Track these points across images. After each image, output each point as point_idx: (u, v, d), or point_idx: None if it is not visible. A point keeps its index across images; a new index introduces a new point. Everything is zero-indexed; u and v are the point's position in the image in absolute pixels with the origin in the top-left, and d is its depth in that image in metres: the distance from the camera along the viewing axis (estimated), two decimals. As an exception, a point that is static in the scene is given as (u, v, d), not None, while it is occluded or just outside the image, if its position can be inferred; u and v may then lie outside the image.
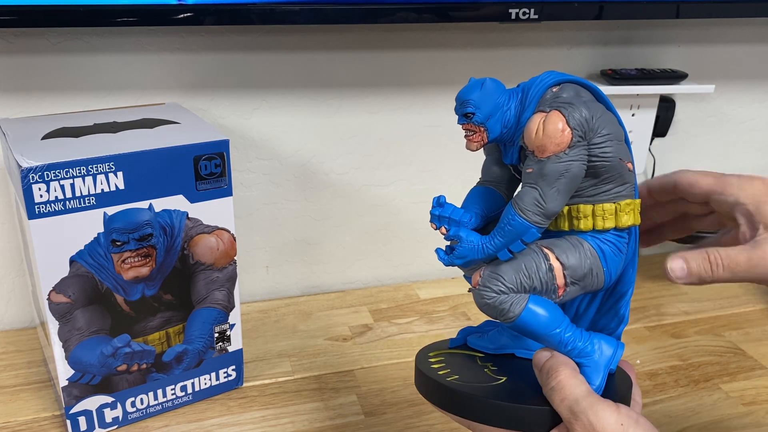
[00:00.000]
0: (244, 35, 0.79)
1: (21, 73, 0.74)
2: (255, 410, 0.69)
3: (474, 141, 0.41)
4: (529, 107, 0.40)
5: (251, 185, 0.86)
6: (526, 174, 0.39)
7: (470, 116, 0.40)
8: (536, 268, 0.40)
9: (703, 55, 0.97)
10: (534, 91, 0.41)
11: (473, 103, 0.40)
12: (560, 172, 0.39)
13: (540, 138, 0.38)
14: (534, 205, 0.39)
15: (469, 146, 0.41)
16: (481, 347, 0.48)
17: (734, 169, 1.07)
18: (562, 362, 0.41)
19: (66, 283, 0.58)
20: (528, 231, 0.39)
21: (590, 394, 0.40)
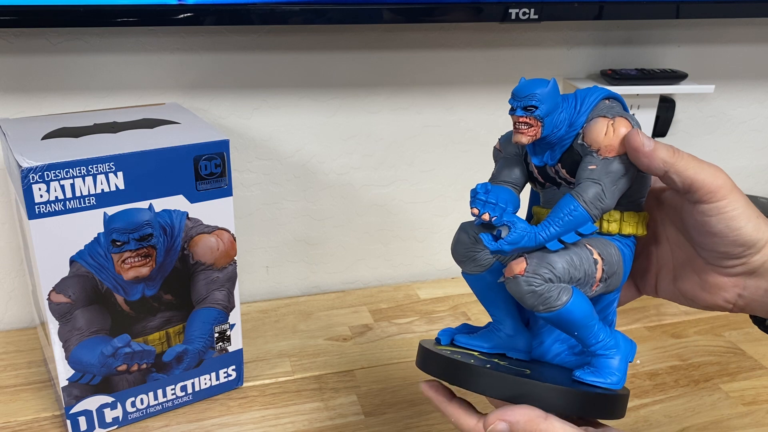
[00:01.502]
0: (244, 35, 0.79)
1: (21, 73, 0.74)
2: (255, 410, 0.69)
3: (527, 134, 0.41)
4: (584, 113, 0.42)
5: (251, 185, 0.86)
6: (588, 171, 0.41)
7: (532, 109, 0.41)
8: (582, 260, 0.41)
9: (703, 55, 0.97)
10: (590, 99, 0.43)
11: (538, 98, 0.41)
12: (623, 172, 0.41)
13: (610, 138, 0.41)
14: (597, 199, 0.41)
15: (520, 139, 0.42)
16: (474, 346, 0.48)
17: (734, 169, 1.07)
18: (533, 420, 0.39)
19: (66, 283, 0.58)
20: (586, 223, 0.41)
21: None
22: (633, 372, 0.76)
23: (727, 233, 0.39)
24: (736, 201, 0.39)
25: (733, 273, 0.41)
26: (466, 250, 0.45)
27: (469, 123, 0.91)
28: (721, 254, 0.40)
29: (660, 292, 0.48)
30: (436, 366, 0.44)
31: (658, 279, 0.48)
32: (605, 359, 0.43)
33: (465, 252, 0.46)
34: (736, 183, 0.41)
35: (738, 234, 0.39)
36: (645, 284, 0.50)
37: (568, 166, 0.43)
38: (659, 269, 0.48)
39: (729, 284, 0.42)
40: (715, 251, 0.40)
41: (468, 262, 0.46)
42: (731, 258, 0.40)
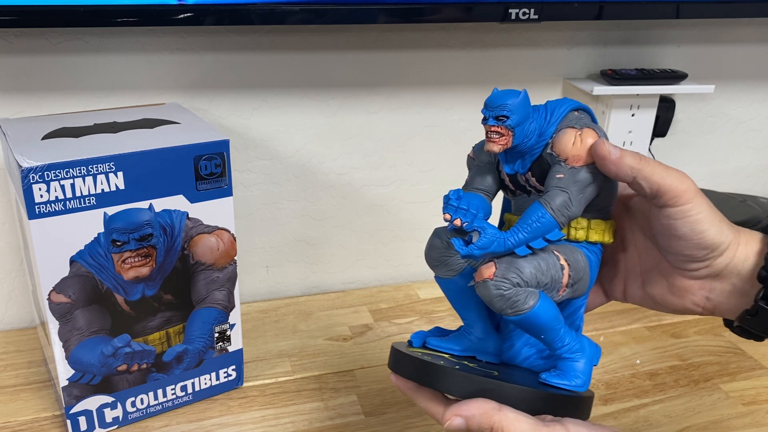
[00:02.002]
0: (244, 35, 0.79)
1: (21, 73, 0.74)
2: (255, 410, 0.69)
3: (499, 143, 0.43)
4: (554, 124, 0.44)
5: (251, 185, 0.86)
6: (556, 179, 0.42)
7: (503, 119, 0.42)
8: (549, 266, 0.42)
9: (703, 55, 0.97)
10: (560, 111, 0.44)
11: (509, 108, 0.42)
12: (590, 181, 0.43)
13: (578, 148, 0.42)
14: (564, 207, 0.42)
15: (492, 148, 0.43)
16: (445, 349, 0.49)
17: (734, 169, 1.07)
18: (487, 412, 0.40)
19: (66, 283, 0.58)
20: (554, 229, 0.42)
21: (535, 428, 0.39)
22: (633, 372, 0.76)
23: (692, 236, 0.40)
24: (700, 205, 0.40)
25: (698, 276, 0.42)
26: (439, 254, 0.47)
27: (469, 123, 0.91)
28: (686, 257, 0.41)
29: (629, 297, 0.50)
30: (407, 367, 0.45)
31: (627, 284, 0.50)
32: (571, 362, 0.44)
33: (438, 256, 0.47)
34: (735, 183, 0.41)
35: (702, 237, 0.40)
36: (613, 289, 0.51)
37: (537, 174, 0.44)
38: (627, 275, 0.49)
39: (696, 287, 0.43)
40: (680, 254, 0.41)
41: (441, 266, 0.47)
42: (696, 261, 0.41)
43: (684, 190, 0.40)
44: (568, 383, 0.44)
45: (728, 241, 0.41)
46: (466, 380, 0.42)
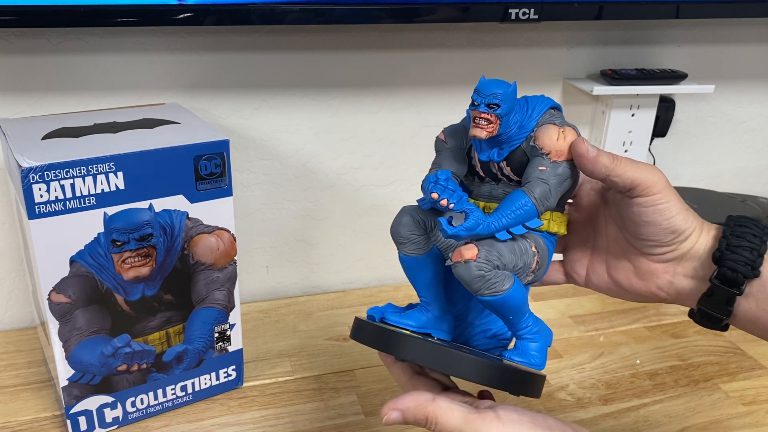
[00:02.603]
0: (244, 35, 0.79)
1: (21, 73, 0.74)
2: (255, 410, 0.69)
3: (486, 129, 0.44)
4: (534, 119, 0.46)
5: (251, 185, 0.86)
6: (539, 171, 0.44)
7: (494, 107, 0.44)
8: (523, 252, 0.45)
9: (702, 55, 0.97)
10: (540, 107, 0.46)
11: (501, 97, 0.43)
12: (567, 175, 0.45)
13: (561, 144, 0.44)
14: (544, 197, 0.44)
15: (479, 134, 0.44)
16: (403, 324, 0.49)
17: (734, 169, 1.07)
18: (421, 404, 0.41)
19: (66, 283, 0.58)
20: (533, 217, 0.44)
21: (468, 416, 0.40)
22: (633, 372, 0.76)
23: (661, 222, 0.44)
24: (669, 195, 0.43)
25: (664, 260, 0.46)
26: (408, 232, 0.48)
27: (469, 123, 0.91)
28: (654, 242, 0.45)
29: (591, 282, 0.52)
30: (368, 335, 0.47)
31: (590, 269, 0.52)
32: (529, 342, 0.46)
33: (407, 234, 0.48)
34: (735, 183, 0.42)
35: (670, 222, 0.44)
36: (575, 272, 0.53)
37: (513, 164, 0.46)
38: (593, 260, 0.52)
39: (661, 271, 0.46)
40: (649, 239, 0.45)
41: (408, 244, 0.48)
42: (663, 245, 0.45)
43: (655, 182, 0.43)
44: (529, 362, 0.46)
45: (692, 228, 0.44)
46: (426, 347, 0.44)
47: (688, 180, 1.06)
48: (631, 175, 0.43)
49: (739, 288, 0.43)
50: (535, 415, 0.41)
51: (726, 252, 0.43)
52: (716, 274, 0.43)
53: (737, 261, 0.42)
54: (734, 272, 0.42)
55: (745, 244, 0.43)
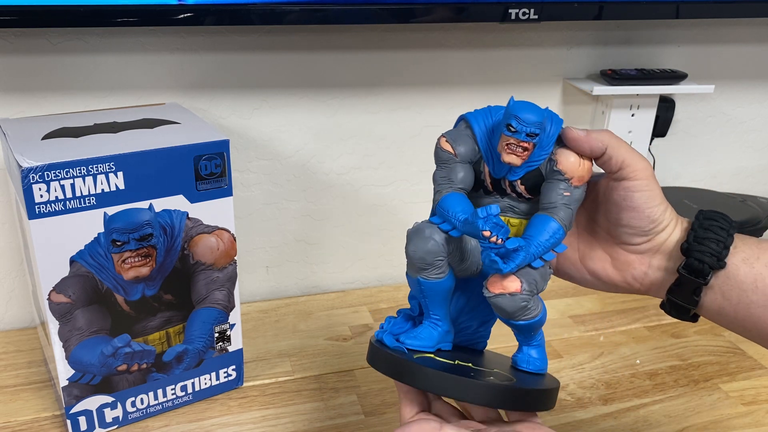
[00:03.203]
0: (244, 35, 0.79)
1: (21, 73, 0.74)
2: (255, 410, 0.69)
3: (521, 157, 0.44)
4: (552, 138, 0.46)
5: (251, 185, 0.86)
6: (564, 196, 0.45)
7: (534, 137, 0.43)
8: (547, 273, 0.46)
9: (702, 55, 0.97)
10: (555, 126, 0.46)
11: (540, 126, 0.43)
12: (583, 199, 0.46)
13: (582, 170, 0.45)
14: (570, 222, 0.46)
15: (514, 161, 0.44)
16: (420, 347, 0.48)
17: (734, 169, 1.07)
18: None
19: (66, 283, 0.58)
20: (560, 242, 0.45)
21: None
22: (633, 372, 0.76)
23: (644, 208, 0.45)
24: (654, 183, 0.45)
25: (640, 250, 0.47)
26: (434, 258, 0.46)
27: (469, 123, 0.91)
28: (634, 229, 0.46)
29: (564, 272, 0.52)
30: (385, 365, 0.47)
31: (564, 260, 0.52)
32: (540, 348, 0.48)
33: (433, 260, 0.46)
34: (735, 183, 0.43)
35: (651, 210, 0.45)
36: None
37: (528, 183, 0.46)
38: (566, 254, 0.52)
39: (637, 262, 0.47)
40: (629, 226, 0.46)
41: (432, 269, 0.46)
42: (641, 235, 0.46)
43: (643, 167, 0.45)
44: (539, 368, 0.48)
45: (669, 220, 0.46)
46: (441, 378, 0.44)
47: (688, 180, 1.06)
48: (624, 153, 0.45)
49: (705, 278, 0.44)
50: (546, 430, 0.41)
51: (693, 244, 0.44)
52: (683, 265, 0.45)
53: (704, 252, 0.44)
54: (700, 263, 0.44)
55: (712, 237, 0.44)
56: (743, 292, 0.44)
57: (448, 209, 0.45)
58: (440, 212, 0.46)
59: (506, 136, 0.43)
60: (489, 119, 0.46)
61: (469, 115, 0.47)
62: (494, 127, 0.46)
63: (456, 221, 0.45)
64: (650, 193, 0.45)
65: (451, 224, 0.45)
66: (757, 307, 0.43)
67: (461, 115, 0.48)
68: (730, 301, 0.44)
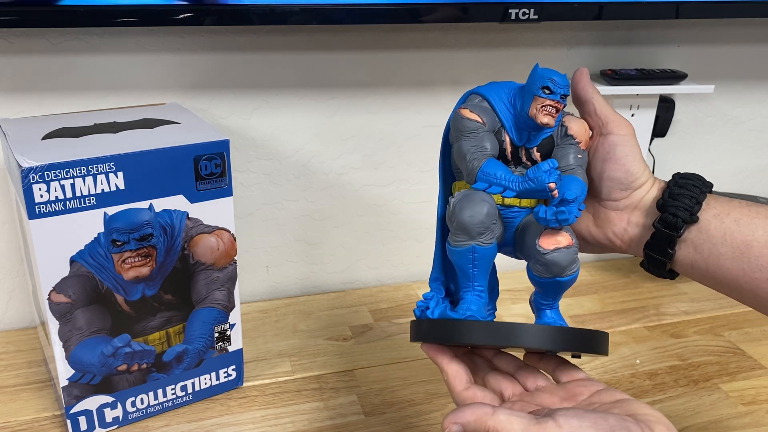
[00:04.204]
0: (244, 35, 0.79)
1: (21, 73, 0.74)
2: (255, 410, 0.69)
3: (554, 117, 0.46)
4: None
5: (251, 185, 0.86)
6: (578, 159, 0.48)
7: (566, 97, 0.46)
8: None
9: (702, 55, 0.97)
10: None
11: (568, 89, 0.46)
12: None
13: (588, 134, 0.49)
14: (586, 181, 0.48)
15: (550, 122, 0.45)
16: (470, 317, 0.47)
17: (734, 169, 1.07)
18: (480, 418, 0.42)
19: (66, 283, 0.58)
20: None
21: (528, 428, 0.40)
22: (633, 372, 0.76)
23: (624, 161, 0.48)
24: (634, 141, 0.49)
25: (620, 207, 0.50)
26: (490, 221, 0.46)
27: (469, 123, 0.91)
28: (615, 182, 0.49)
29: None
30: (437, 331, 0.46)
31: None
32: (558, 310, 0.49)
33: (489, 223, 0.46)
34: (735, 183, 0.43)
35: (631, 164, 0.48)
36: None
37: (544, 150, 0.48)
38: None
39: (616, 218, 0.50)
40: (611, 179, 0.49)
41: (487, 233, 0.46)
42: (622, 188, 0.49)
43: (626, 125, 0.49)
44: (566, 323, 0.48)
45: (646, 178, 0.49)
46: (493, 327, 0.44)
47: (688, 180, 1.06)
48: (608, 111, 0.49)
49: (678, 231, 0.47)
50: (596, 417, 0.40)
51: (668, 200, 0.48)
52: (659, 219, 0.48)
53: (677, 207, 0.47)
54: (674, 217, 0.47)
55: (685, 193, 0.47)
56: (713, 245, 0.47)
57: (496, 173, 0.45)
58: (485, 178, 0.46)
59: (542, 98, 0.45)
60: (501, 92, 0.48)
61: (480, 89, 0.48)
62: (512, 98, 0.47)
63: (511, 182, 0.45)
64: (630, 148, 0.49)
65: (502, 186, 0.45)
66: (725, 259, 0.46)
67: (470, 91, 0.49)
68: (702, 254, 0.47)
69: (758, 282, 0.46)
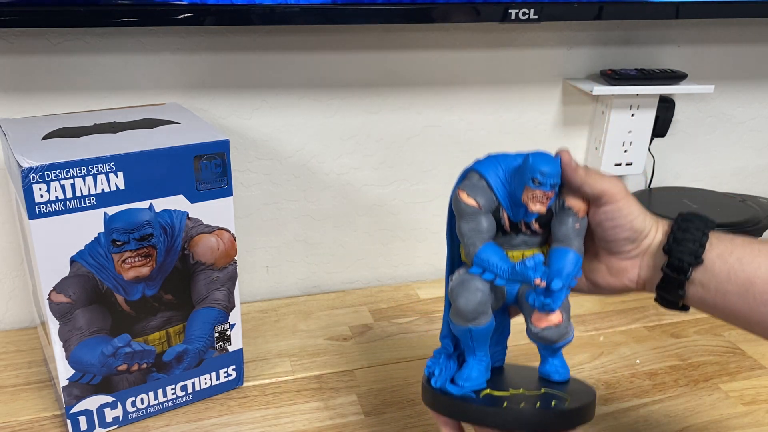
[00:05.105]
0: (244, 35, 0.79)
1: (21, 73, 0.74)
2: (255, 410, 0.69)
3: (545, 205, 0.48)
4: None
5: (251, 185, 0.86)
6: (575, 229, 0.50)
7: (557, 186, 0.48)
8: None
9: (702, 55, 0.97)
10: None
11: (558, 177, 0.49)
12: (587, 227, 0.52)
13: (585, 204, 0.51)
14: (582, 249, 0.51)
15: (540, 209, 0.48)
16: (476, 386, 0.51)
17: (734, 170, 1.07)
18: None
19: (66, 283, 0.58)
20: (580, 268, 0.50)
21: None
22: (633, 372, 0.76)
23: (625, 223, 0.50)
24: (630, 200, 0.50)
25: (631, 256, 0.52)
26: (484, 307, 0.49)
27: (469, 123, 0.91)
28: (623, 240, 0.51)
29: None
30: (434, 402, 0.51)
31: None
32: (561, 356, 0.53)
33: (484, 309, 0.49)
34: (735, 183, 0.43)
35: (633, 223, 0.50)
36: None
37: (542, 221, 0.51)
38: None
39: (630, 266, 0.52)
40: (618, 239, 0.51)
41: (482, 317, 0.49)
42: (630, 243, 0.51)
43: (618, 191, 0.50)
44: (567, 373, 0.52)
45: (650, 226, 0.51)
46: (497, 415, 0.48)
47: (688, 180, 1.06)
48: (600, 185, 0.49)
49: (686, 274, 0.49)
50: None
51: (673, 245, 0.49)
52: (666, 264, 0.49)
53: (682, 252, 0.49)
54: (680, 261, 0.49)
55: (689, 237, 0.49)
56: (719, 283, 0.48)
57: (489, 261, 0.48)
58: (480, 263, 0.49)
59: (532, 189, 0.48)
60: (499, 169, 0.50)
61: (478, 166, 0.50)
62: (508, 176, 0.49)
63: (502, 272, 0.48)
64: (629, 209, 0.50)
65: (494, 274, 0.48)
66: (732, 296, 0.48)
67: (469, 167, 0.50)
68: (709, 292, 0.49)
69: (764, 316, 0.47)
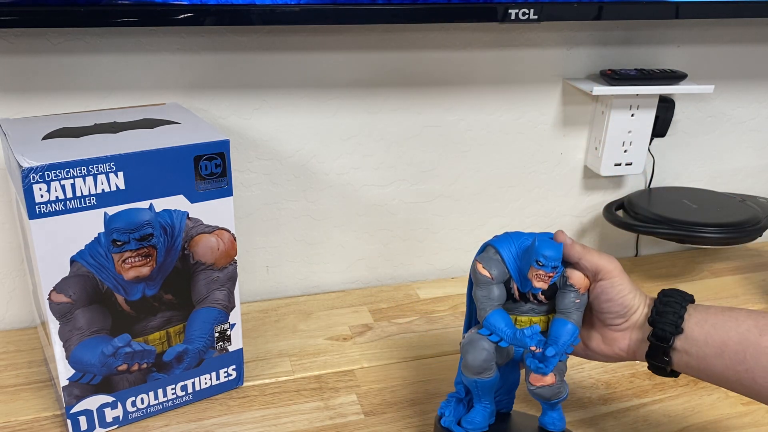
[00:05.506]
0: (244, 35, 0.79)
1: (21, 73, 0.74)
2: (255, 410, 0.69)
3: (548, 282, 0.55)
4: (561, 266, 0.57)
5: (251, 185, 0.86)
6: (576, 303, 0.57)
7: (557, 268, 0.55)
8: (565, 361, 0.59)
9: (702, 55, 0.97)
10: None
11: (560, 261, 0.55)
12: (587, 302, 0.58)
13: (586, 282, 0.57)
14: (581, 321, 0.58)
15: (542, 286, 0.55)
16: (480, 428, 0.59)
17: (734, 170, 1.07)
18: None
19: (66, 282, 0.58)
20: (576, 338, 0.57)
21: None
22: (633, 372, 0.76)
23: (617, 299, 0.57)
24: (623, 277, 0.57)
25: (622, 329, 0.58)
26: (489, 364, 0.57)
27: (469, 123, 0.91)
28: (614, 314, 0.57)
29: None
30: None
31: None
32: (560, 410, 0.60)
33: (488, 366, 0.57)
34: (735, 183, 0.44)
35: (624, 299, 0.57)
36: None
37: (547, 293, 0.58)
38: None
39: (620, 337, 0.58)
40: (610, 312, 0.57)
41: (486, 372, 0.57)
42: (620, 317, 0.57)
43: (613, 268, 0.57)
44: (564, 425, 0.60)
45: (639, 302, 0.58)
46: None
47: (688, 180, 1.06)
48: (596, 261, 0.56)
49: (668, 342, 0.55)
50: None
51: (656, 317, 0.56)
52: (651, 334, 0.56)
53: (664, 323, 0.55)
54: (663, 331, 0.55)
55: (669, 310, 0.56)
56: (699, 348, 0.54)
57: (496, 325, 0.56)
58: (488, 326, 0.56)
59: (536, 269, 0.55)
60: (512, 246, 0.57)
61: (495, 242, 0.57)
62: (520, 253, 0.57)
63: (506, 336, 0.56)
64: (621, 287, 0.57)
65: (499, 337, 0.56)
66: (711, 358, 0.54)
67: (487, 242, 0.58)
68: (692, 357, 0.55)
69: (741, 373, 0.53)
